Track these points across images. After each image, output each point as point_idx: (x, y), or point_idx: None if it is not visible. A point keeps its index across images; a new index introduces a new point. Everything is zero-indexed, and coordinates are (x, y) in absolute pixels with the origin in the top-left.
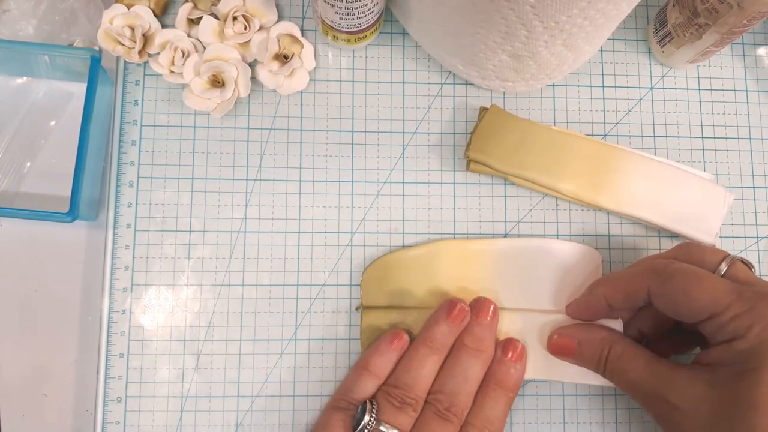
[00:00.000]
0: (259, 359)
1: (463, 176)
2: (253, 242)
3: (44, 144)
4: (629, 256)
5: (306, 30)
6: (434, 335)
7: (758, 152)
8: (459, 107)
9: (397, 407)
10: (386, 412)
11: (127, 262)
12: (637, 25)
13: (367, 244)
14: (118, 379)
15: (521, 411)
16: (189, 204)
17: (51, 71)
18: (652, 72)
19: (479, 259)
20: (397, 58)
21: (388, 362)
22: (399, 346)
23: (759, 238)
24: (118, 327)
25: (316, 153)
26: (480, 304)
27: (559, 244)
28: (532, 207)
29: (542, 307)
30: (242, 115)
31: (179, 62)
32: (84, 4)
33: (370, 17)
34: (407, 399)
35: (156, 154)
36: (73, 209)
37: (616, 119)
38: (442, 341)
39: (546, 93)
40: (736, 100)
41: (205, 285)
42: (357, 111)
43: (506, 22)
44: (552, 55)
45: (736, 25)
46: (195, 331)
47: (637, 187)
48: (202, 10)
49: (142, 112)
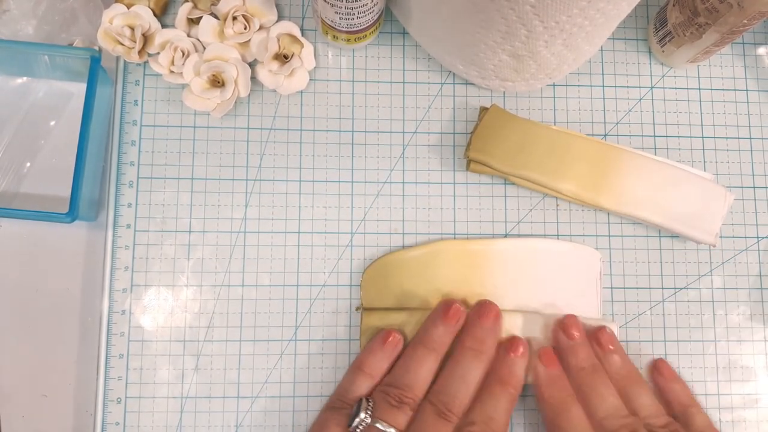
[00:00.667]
0: (259, 360)
1: (463, 176)
2: (253, 242)
3: (44, 144)
4: (629, 256)
5: (306, 30)
6: (431, 336)
7: (758, 152)
8: (459, 107)
9: (394, 406)
10: (383, 410)
11: (127, 263)
12: (637, 25)
13: (367, 244)
14: (118, 379)
15: (521, 411)
16: (189, 204)
17: (51, 71)
18: (652, 72)
19: (479, 259)
20: (397, 58)
21: (381, 362)
22: (392, 345)
23: (759, 238)
24: (118, 327)
25: (316, 153)
26: (483, 307)
27: (559, 244)
28: (533, 207)
29: (542, 307)
30: (242, 115)
31: (179, 62)
32: (84, 4)
33: (370, 17)
34: (405, 398)
35: (156, 154)
36: (73, 209)
37: (616, 119)
38: (439, 341)
39: (546, 93)
40: (736, 100)
41: (205, 285)
42: (357, 111)
43: (506, 21)
44: (552, 55)
45: (736, 25)
46: (195, 332)
47: (637, 187)
48: (201, 10)
49: (141, 112)
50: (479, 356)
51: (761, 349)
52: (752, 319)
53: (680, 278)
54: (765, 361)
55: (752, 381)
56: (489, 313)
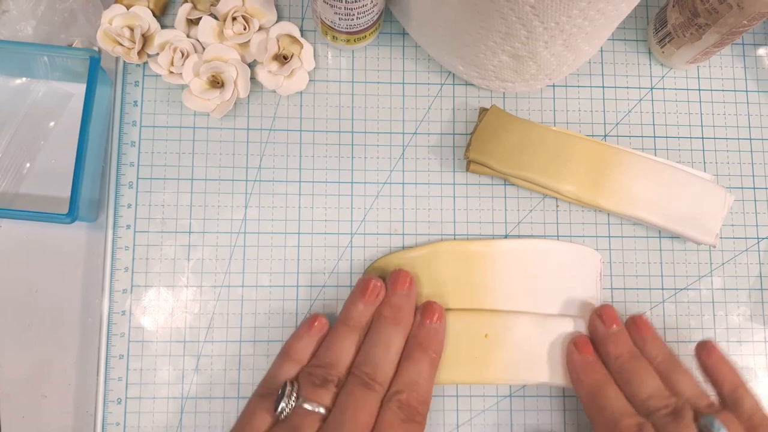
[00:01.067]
0: (259, 360)
1: (463, 177)
2: (253, 243)
3: (44, 144)
4: (629, 256)
5: (305, 30)
6: (351, 314)
7: (758, 152)
8: (459, 107)
9: (318, 385)
10: (308, 390)
11: (127, 264)
12: (637, 26)
13: (367, 245)
14: (118, 380)
15: (521, 412)
16: (188, 205)
17: (50, 72)
18: (652, 72)
19: (479, 260)
20: (397, 58)
21: (307, 346)
22: (318, 329)
23: (759, 239)
24: (118, 328)
25: (315, 153)
26: (395, 276)
27: (559, 244)
28: (532, 208)
29: (542, 308)
30: (242, 115)
31: (178, 63)
32: (83, 4)
33: (369, 18)
34: (329, 376)
35: (155, 155)
36: (73, 210)
37: (616, 119)
38: (359, 319)
39: (546, 93)
40: (736, 100)
41: (205, 286)
42: (357, 111)
43: (506, 22)
44: (552, 56)
45: (736, 26)
46: (195, 333)
47: (637, 188)
48: (201, 11)
49: (141, 112)
50: (398, 323)
51: (761, 350)
52: (752, 319)
53: (680, 279)
54: (765, 362)
55: (752, 381)
56: (403, 281)
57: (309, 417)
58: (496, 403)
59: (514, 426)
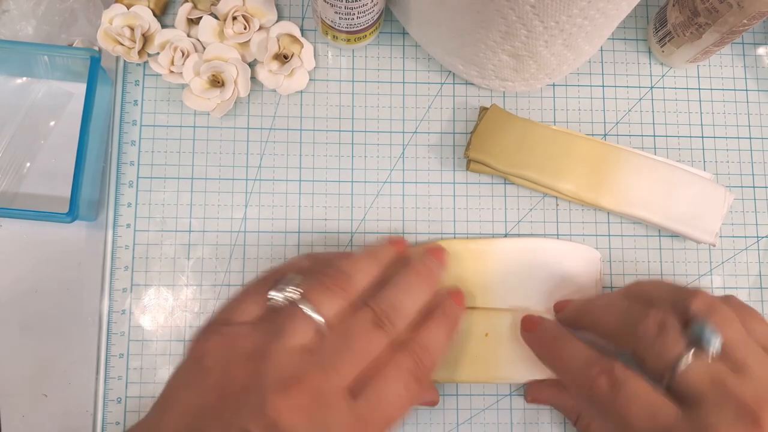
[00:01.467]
0: None
1: (463, 176)
2: (253, 242)
3: (44, 144)
4: (629, 256)
5: (306, 30)
6: (375, 248)
7: (758, 152)
8: (459, 107)
9: (329, 288)
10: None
11: (127, 263)
12: (637, 25)
13: (368, 244)
14: (118, 379)
15: (521, 411)
16: (189, 204)
17: (51, 71)
18: (652, 72)
19: (479, 258)
20: (397, 58)
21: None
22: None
23: (759, 238)
24: (118, 327)
25: (316, 153)
26: (433, 246)
27: (559, 243)
28: (532, 207)
29: (542, 306)
30: (242, 115)
31: (179, 62)
32: (83, 4)
33: (369, 17)
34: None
35: (156, 154)
36: (73, 209)
37: (616, 119)
38: (383, 255)
39: (546, 93)
40: (736, 100)
41: (205, 285)
42: (357, 111)
43: (506, 21)
44: (552, 55)
45: (736, 25)
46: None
47: (637, 187)
48: (201, 10)
49: (141, 112)
50: (427, 280)
51: None
52: None
53: (680, 278)
54: None
55: None
56: (440, 252)
57: (301, 321)
58: (496, 401)
59: (515, 425)
